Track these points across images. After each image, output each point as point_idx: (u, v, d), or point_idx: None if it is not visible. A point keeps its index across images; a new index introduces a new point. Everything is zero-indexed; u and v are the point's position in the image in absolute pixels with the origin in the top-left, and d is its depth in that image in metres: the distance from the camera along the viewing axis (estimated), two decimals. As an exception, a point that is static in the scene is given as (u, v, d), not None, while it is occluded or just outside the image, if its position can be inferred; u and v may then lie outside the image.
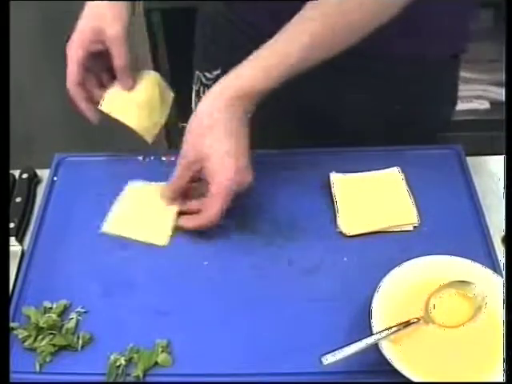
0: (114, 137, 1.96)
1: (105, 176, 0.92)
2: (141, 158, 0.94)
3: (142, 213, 0.87)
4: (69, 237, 0.84)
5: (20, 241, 0.85)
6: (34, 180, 0.93)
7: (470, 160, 0.92)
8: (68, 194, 0.90)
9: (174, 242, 0.83)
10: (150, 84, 0.92)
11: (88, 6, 0.88)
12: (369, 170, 0.90)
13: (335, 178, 0.89)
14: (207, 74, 1.06)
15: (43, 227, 0.86)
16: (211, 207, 0.79)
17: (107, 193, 0.89)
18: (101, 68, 0.91)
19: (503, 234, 0.82)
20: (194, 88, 1.12)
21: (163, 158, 0.94)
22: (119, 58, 0.87)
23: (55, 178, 0.92)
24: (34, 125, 1.94)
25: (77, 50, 0.86)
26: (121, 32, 0.86)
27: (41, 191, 0.92)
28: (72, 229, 0.85)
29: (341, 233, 0.83)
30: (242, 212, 0.86)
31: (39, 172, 0.95)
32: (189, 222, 0.83)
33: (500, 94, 1.80)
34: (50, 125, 1.96)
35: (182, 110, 1.86)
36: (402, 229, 0.83)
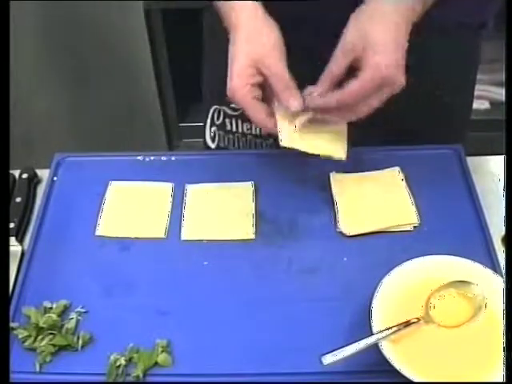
0: (114, 137, 1.97)
1: (105, 176, 0.92)
2: (141, 157, 0.94)
3: (133, 210, 0.87)
4: (69, 237, 0.84)
5: (20, 241, 0.85)
6: (34, 180, 0.93)
7: (470, 160, 0.92)
8: (68, 194, 0.90)
9: (173, 242, 0.83)
10: None
11: (239, 27, 0.78)
12: (369, 170, 0.90)
13: (335, 177, 0.89)
14: (235, 106, 1.01)
15: (43, 227, 0.86)
16: (357, 93, 0.74)
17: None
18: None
19: (503, 233, 0.82)
20: (211, 121, 1.06)
21: (163, 158, 0.94)
22: (280, 82, 0.77)
23: (55, 178, 0.92)
24: (34, 125, 1.94)
25: (245, 94, 0.77)
26: (280, 58, 0.78)
27: (41, 191, 0.92)
28: (72, 229, 0.85)
29: (341, 233, 0.83)
30: (242, 212, 0.86)
31: (39, 172, 0.95)
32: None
33: (500, 94, 1.81)
34: (50, 125, 1.96)
35: (181, 110, 1.87)
36: (402, 229, 0.83)
